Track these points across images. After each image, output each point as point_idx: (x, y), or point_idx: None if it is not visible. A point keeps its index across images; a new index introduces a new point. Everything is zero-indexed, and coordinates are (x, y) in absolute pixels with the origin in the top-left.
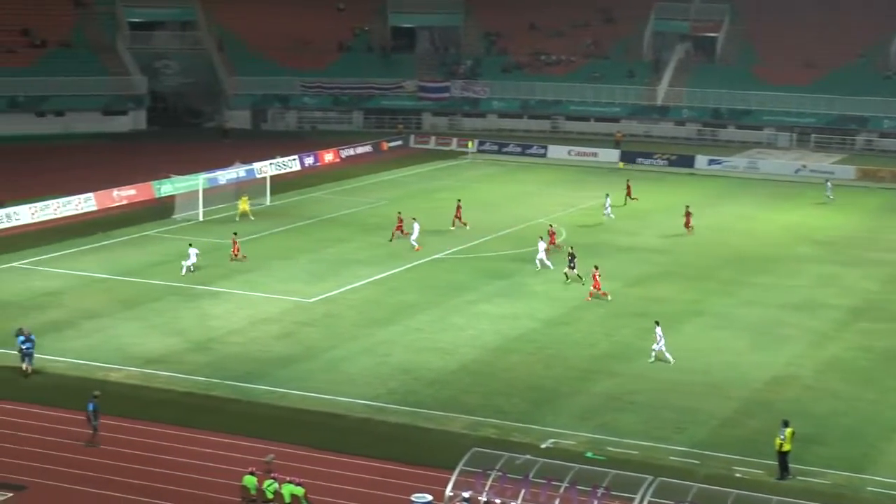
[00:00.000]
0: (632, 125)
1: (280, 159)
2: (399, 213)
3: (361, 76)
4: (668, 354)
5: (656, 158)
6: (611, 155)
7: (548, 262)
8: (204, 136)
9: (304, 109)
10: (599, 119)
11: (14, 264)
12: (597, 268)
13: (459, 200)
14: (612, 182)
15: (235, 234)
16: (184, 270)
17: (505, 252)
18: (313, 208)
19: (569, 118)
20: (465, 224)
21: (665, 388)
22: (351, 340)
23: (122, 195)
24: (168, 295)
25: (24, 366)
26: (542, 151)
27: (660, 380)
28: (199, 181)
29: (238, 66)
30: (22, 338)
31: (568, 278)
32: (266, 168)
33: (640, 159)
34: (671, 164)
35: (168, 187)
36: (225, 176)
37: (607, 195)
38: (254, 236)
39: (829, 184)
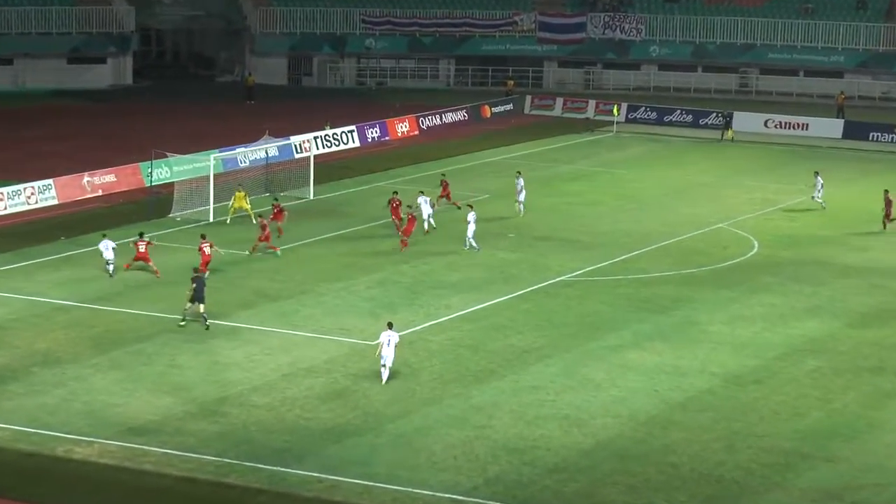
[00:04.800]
0: (862, 83)
1: (330, 131)
2: (395, 193)
3: (453, 7)
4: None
5: None
6: (829, 127)
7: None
8: (218, 96)
9: (368, 57)
10: (812, 73)
11: None
12: (204, 237)
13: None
14: (830, 167)
15: (276, 199)
16: (112, 270)
17: (665, 273)
18: (379, 205)
19: (766, 71)
20: (456, 205)
21: None
22: (433, 403)
23: (97, 183)
24: (162, 332)
25: None
26: (725, 122)
27: None
28: (209, 163)
29: None
30: None
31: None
32: (309, 144)
33: (874, 134)
34: None
35: (164, 171)
36: (248, 155)
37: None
38: (290, 245)
39: (820, 179)
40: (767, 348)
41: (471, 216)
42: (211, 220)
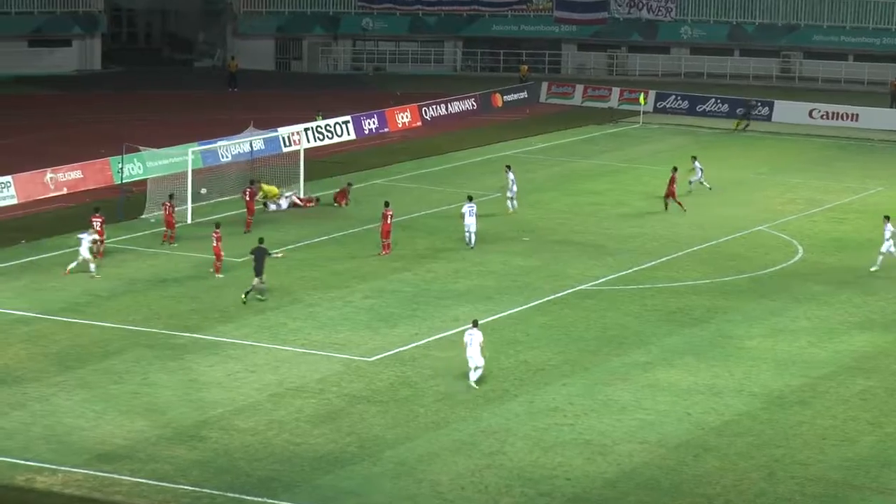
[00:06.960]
0: None
1: (322, 122)
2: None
3: None
4: None
5: None
6: (882, 118)
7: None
8: (196, 83)
9: (365, 39)
10: (863, 57)
11: None
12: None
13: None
14: (882, 164)
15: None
16: (70, 267)
17: (698, 281)
18: (376, 204)
19: (811, 55)
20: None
21: None
22: (437, 427)
23: (61, 180)
24: (134, 347)
25: None
26: (766, 112)
27: None
28: (186, 157)
29: None
30: None
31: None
32: (298, 136)
33: None
34: None
35: (136, 167)
36: (230, 149)
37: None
38: (277, 249)
39: (697, 164)
40: (813, 366)
41: (466, 208)
42: (189, 220)
